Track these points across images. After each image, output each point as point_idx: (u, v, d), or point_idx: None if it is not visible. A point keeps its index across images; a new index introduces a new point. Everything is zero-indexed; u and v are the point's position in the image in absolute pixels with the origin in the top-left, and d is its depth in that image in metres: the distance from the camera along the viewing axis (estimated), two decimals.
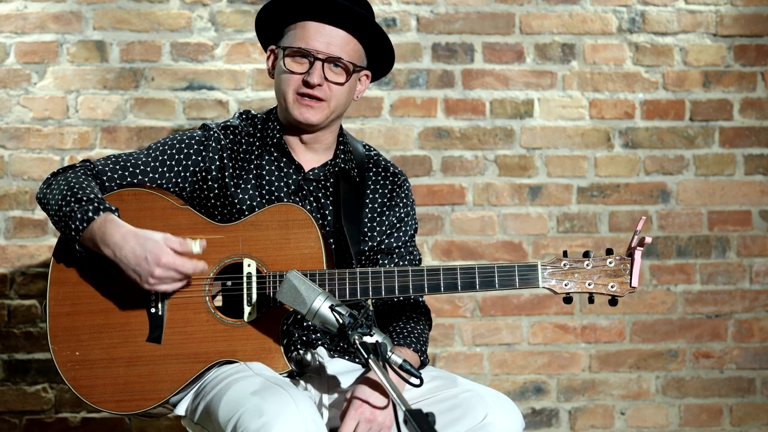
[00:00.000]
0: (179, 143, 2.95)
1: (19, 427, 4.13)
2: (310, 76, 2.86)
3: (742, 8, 4.39)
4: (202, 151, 2.95)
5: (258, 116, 3.05)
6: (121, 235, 2.73)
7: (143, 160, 2.92)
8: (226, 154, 2.95)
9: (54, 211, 2.81)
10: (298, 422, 2.55)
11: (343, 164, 3.00)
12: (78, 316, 2.83)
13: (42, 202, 2.87)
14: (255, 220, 2.86)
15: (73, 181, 2.82)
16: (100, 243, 2.74)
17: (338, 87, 2.90)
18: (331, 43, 2.88)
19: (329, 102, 2.91)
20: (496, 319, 4.31)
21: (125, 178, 2.90)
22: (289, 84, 2.90)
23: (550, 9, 4.32)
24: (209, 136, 2.97)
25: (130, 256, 2.72)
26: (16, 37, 4.12)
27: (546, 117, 4.33)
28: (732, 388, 4.39)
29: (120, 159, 2.93)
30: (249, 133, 3.00)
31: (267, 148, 2.98)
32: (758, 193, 4.41)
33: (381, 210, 3.03)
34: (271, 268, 2.82)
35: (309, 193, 2.98)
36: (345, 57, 2.89)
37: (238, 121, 3.03)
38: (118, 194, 2.88)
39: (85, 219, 2.74)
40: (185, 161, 2.94)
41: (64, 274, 2.85)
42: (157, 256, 2.71)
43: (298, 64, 2.89)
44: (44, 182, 2.89)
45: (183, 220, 2.87)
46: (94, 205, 2.75)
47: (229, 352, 2.80)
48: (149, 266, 2.71)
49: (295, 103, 2.90)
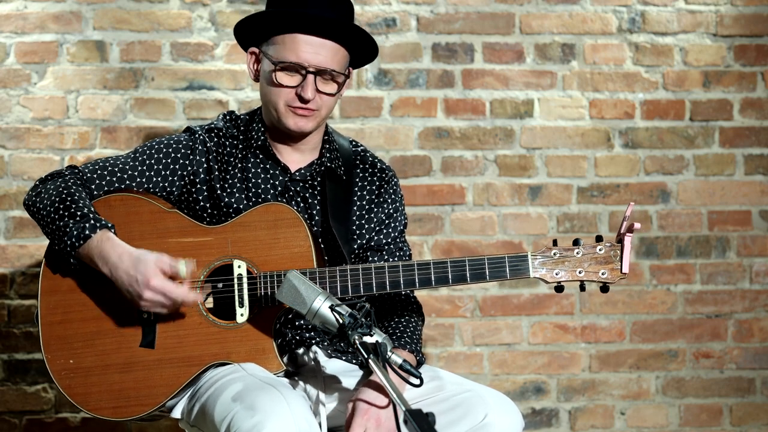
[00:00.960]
0: (166, 147, 2.94)
1: (19, 427, 4.13)
2: (304, 91, 2.87)
3: (742, 8, 4.39)
4: (189, 155, 2.94)
5: (242, 117, 3.04)
6: (117, 255, 2.74)
7: (131, 165, 2.91)
8: (211, 156, 2.95)
9: (45, 222, 2.80)
10: (290, 421, 2.55)
11: (329, 163, 3.00)
12: (70, 324, 2.82)
13: (31, 210, 2.86)
14: (243, 221, 2.86)
15: (65, 192, 2.80)
16: (98, 260, 2.75)
17: (329, 97, 2.91)
18: (321, 54, 2.88)
19: (321, 111, 2.92)
20: (496, 319, 4.31)
21: (113, 184, 2.89)
22: (280, 96, 2.90)
23: (550, 9, 4.32)
24: (195, 140, 2.96)
25: (124, 276, 2.73)
26: (16, 37, 4.12)
27: (546, 117, 4.33)
28: (732, 388, 4.39)
29: (108, 164, 2.91)
30: (233, 135, 2.99)
31: (252, 150, 2.97)
32: (758, 193, 4.41)
33: (369, 207, 3.03)
34: (261, 268, 2.81)
35: (296, 194, 2.98)
36: (335, 68, 2.90)
37: (221, 123, 3.02)
38: (105, 200, 2.87)
39: (81, 236, 2.74)
40: (173, 165, 2.93)
41: (55, 283, 2.84)
42: (146, 279, 2.71)
43: (290, 77, 2.89)
44: (32, 189, 2.88)
45: (171, 224, 2.86)
46: (91, 222, 2.75)
47: (223, 354, 2.79)
48: (139, 288, 2.71)
49: (288, 113, 2.91)
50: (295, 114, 2.90)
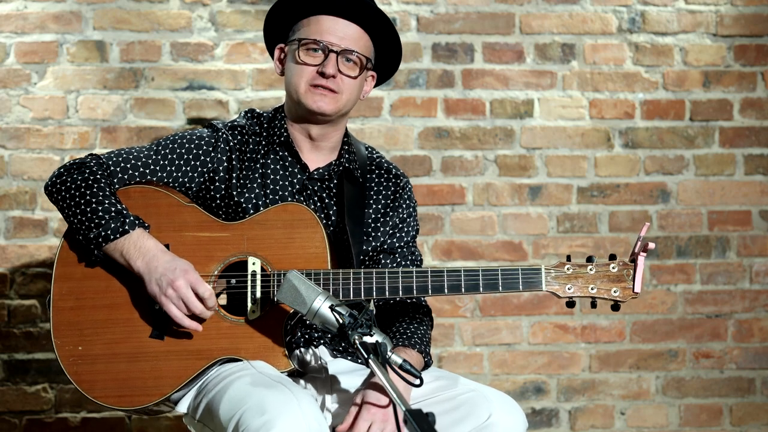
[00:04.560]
0: (189, 143, 2.95)
1: (19, 427, 4.13)
2: (325, 67, 2.88)
3: (742, 8, 4.39)
4: (210, 152, 2.95)
5: (264, 115, 3.05)
6: (158, 249, 2.78)
7: (153, 158, 2.92)
8: (234, 156, 2.95)
9: (72, 212, 2.81)
10: (301, 420, 2.55)
11: (348, 165, 3.01)
12: (82, 311, 2.84)
13: (55, 197, 2.86)
14: (260, 218, 2.87)
15: (95, 185, 2.82)
16: (132, 254, 2.78)
17: (351, 80, 2.93)
18: (345, 37, 2.91)
19: (342, 94, 2.92)
20: (496, 319, 4.31)
21: (134, 177, 2.90)
22: (302, 75, 2.91)
23: (550, 9, 4.32)
24: (218, 137, 2.96)
25: (161, 267, 2.75)
26: (16, 37, 4.13)
27: (546, 117, 4.33)
28: (732, 388, 4.39)
29: (130, 156, 2.92)
30: (255, 132, 3.00)
31: (273, 146, 2.98)
32: (758, 193, 4.41)
33: (384, 211, 3.04)
34: (275, 267, 2.82)
35: (313, 193, 2.98)
36: (359, 50, 2.92)
37: (244, 120, 3.03)
38: (125, 191, 2.88)
39: (119, 231, 2.77)
40: (194, 162, 2.94)
41: (69, 270, 2.86)
42: (185, 271, 2.75)
43: (312, 56, 2.91)
44: (56, 176, 2.87)
45: (189, 218, 2.88)
46: (131, 218, 2.79)
47: (232, 350, 2.80)
48: (174, 276, 2.73)
49: (308, 93, 2.91)
50: (315, 93, 2.90)
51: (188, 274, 2.75)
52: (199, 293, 2.75)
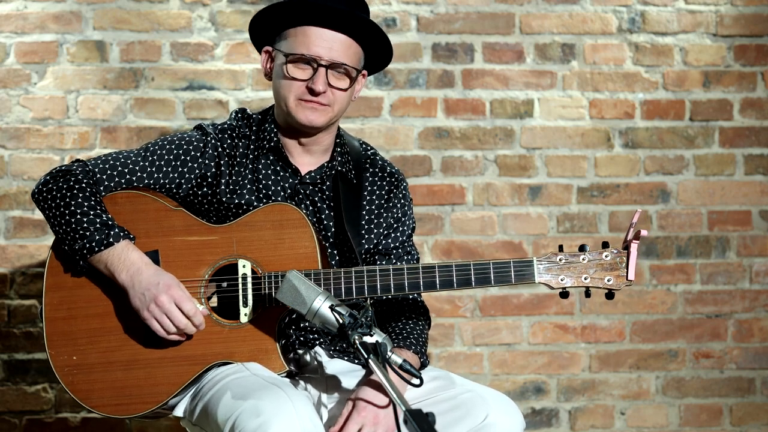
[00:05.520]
0: (177, 148, 2.92)
1: (19, 427, 4.13)
2: (315, 84, 2.84)
3: (742, 8, 4.39)
4: (198, 157, 2.92)
5: (254, 117, 3.01)
6: (143, 262, 2.76)
7: (140, 164, 2.89)
8: (223, 161, 2.93)
9: (57, 221, 2.79)
10: (296, 421, 2.55)
11: (341, 167, 2.98)
12: (75, 321, 2.82)
13: (41, 205, 2.84)
14: (249, 220, 2.85)
15: (80, 194, 2.79)
16: (117, 266, 2.76)
17: (341, 92, 2.89)
18: (333, 49, 2.85)
19: (333, 106, 2.89)
20: (496, 319, 4.31)
21: (120, 184, 2.88)
22: (290, 90, 2.88)
23: (550, 9, 4.32)
24: (207, 142, 2.93)
25: (144, 281, 2.74)
26: (16, 37, 4.13)
27: (546, 117, 4.33)
28: (732, 388, 4.39)
29: (117, 163, 2.89)
30: (245, 135, 2.97)
31: (263, 151, 2.95)
32: (758, 193, 4.41)
33: (378, 211, 3.02)
34: (266, 268, 2.81)
35: (305, 197, 2.96)
36: (347, 62, 2.87)
37: (234, 121, 3.00)
38: (111, 197, 2.86)
39: (104, 243, 2.75)
40: (181, 168, 2.91)
41: (60, 279, 2.84)
42: (168, 286, 2.73)
43: (301, 70, 2.86)
44: (42, 183, 2.84)
45: (177, 222, 2.86)
46: (115, 231, 2.76)
47: (226, 354, 2.79)
48: (157, 291, 2.72)
49: (299, 107, 2.87)
50: (306, 107, 2.87)
51: (172, 289, 2.73)
52: (184, 310, 2.73)
